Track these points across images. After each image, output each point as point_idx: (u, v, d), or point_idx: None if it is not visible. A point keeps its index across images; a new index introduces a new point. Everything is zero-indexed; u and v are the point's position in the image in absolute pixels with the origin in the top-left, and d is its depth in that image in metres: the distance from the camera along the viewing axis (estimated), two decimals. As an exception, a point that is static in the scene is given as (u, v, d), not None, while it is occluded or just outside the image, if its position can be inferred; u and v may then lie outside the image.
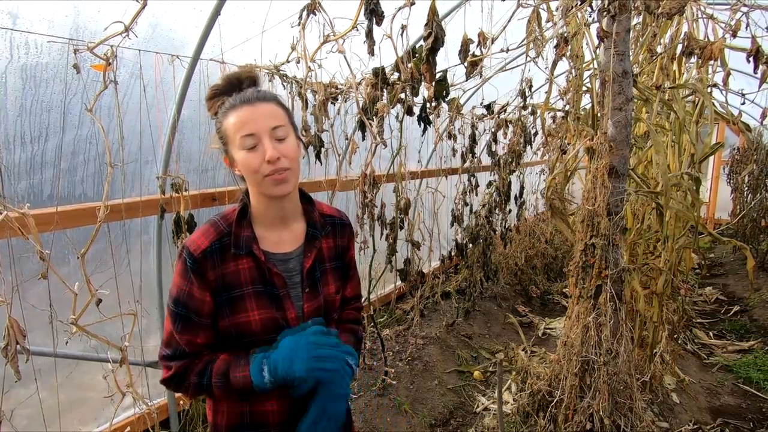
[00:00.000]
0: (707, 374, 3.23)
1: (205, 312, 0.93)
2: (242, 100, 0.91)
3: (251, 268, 0.94)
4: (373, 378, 2.89)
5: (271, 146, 0.88)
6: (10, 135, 1.67)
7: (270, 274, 0.95)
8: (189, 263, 0.92)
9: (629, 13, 1.90)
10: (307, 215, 1.04)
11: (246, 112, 0.89)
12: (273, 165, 0.88)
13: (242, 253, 0.94)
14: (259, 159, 0.88)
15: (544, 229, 5.79)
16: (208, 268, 0.92)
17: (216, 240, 0.93)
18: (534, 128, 4.38)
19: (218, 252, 0.93)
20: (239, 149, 0.89)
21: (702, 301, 4.72)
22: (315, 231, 1.02)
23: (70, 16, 1.69)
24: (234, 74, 0.96)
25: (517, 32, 2.13)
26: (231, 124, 0.90)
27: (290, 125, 0.95)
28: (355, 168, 2.52)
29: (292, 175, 0.92)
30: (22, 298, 1.43)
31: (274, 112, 0.91)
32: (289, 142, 0.92)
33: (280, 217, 0.99)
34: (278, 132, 0.90)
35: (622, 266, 2.15)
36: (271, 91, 0.98)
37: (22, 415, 1.76)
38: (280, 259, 0.98)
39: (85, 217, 1.73)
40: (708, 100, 2.37)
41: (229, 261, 0.93)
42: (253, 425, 0.98)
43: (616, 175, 2.08)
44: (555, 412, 2.30)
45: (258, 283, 0.94)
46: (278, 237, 0.99)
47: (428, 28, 1.53)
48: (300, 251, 1.00)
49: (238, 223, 0.95)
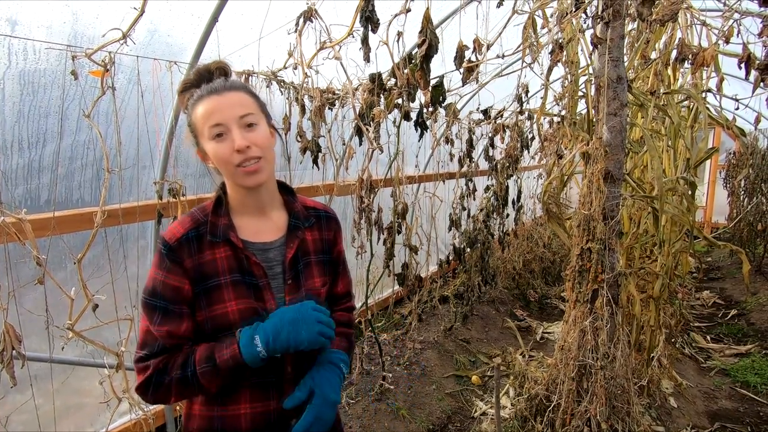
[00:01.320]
0: (705, 378, 3.23)
1: (182, 299, 0.90)
2: (209, 91, 0.89)
3: (228, 256, 0.92)
4: (371, 383, 2.88)
5: (240, 135, 0.86)
6: (8, 141, 1.68)
7: (248, 262, 0.93)
8: (165, 252, 0.89)
9: (623, 20, 1.92)
10: (288, 206, 1.02)
11: (213, 102, 0.88)
12: (243, 154, 0.86)
13: (219, 241, 0.91)
14: (229, 149, 0.87)
15: (542, 233, 5.81)
16: (185, 256, 0.89)
17: (192, 228, 0.92)
18: (531, 133, 4.41)
19: (195, 240, 0.91)
20: (209, 140, 0.88)
21: (699, 304, 4.73)
22: (297, 222, 1.00)
23: (68, 22, 1.71)
24: (204, 66, 0.95)
25: (513, 38, 2.16)
26: (199, 115, 0.89)
27: (261, 113, 0.93)
28: (353, 173, 2.54)
29: (265, 164, 0.90)
30: (18, 304, 1.43)
31: (242, 100, 0.90)
32: (259, 130, 0.90)
33: (257, 207, 0.97)
34: (247, 119, 0.88)
35: (619, 270, 2.15)
36: (240, 80, 0.97)
37: (18, 421, 1.75)
38: (259, 248, 0.95)
39: (82, 222, 1.73)
40: (702, 105, 2.39)
41: (206, 250, 0.91)
42: (224, 430, 0.93)
43: (611, 180, 2.09)
44: (552, 416, 2.29)
45: (236, 272, 0.91)
46: (257, 226, 0.97)
47: (422, 35, 1.54)
48: (282, 241, 0.98)
49: (214, 212, 0.94)
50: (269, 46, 2.07)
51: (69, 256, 1.82)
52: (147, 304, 0.91)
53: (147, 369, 0.88)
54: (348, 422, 2.54)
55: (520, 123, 3.98)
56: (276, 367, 0.94)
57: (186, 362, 0.88)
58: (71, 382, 1.96)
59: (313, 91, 1.99)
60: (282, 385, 0.95)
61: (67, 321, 1.43)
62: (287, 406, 0.91)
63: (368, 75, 2.00)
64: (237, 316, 0.89)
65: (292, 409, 0.92)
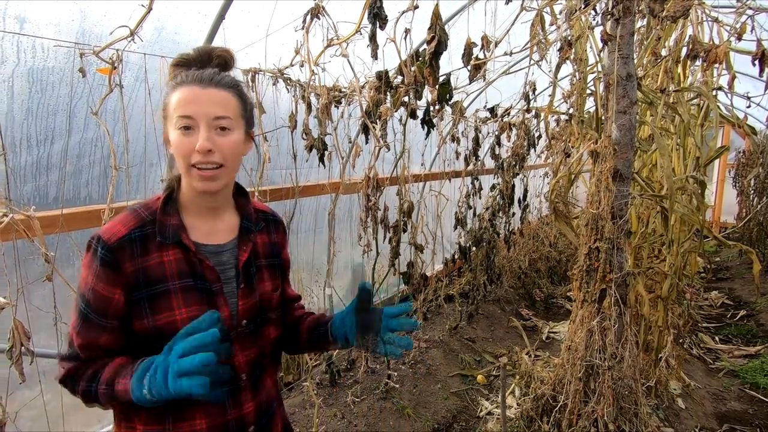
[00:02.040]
0: (713, 379, 3.20)
1: (110, 312, 0.81)
2: (194, 79, 0.82)
3: (178, 260, 0.84)
4: (376, 381, 2.88)
5: (206, 136, 0.80)
6: (17, 138, 1.68)
7: (201, 266, 0.86)
8: (100, 253, 0.80)
9: (633, 17, 1.89)
10: (241, 209, 0.96)
11: (192, 92, 0.81)
12: (203, 156, 0.80)
13: (168, 243, 0.84)
14: (190, 145, 0.80)
15: (548, 232, 5.77)
16: (125, 259, 0.81)
17: (136, 228, 0.83)
18: (538, 131, 4.38)
19: (139, 241, 0.82)
20: (174, 128, 0.81)
21: (708, 305, 4.68)
22: (249, 224, 0.95)
23: (76, 20, 1.71)
24: (205, 48, 0.89)
25: (520, 35, 2.14)
26: (174, 99, 0.82)
27: (240, 119, 0.86)
28: (359, 171, 2.53)
29: (224, 173, 0.84)
30: (27, 300, 1.44)
31: (224, 100, 0.83)
32: (230, 137, 0.83)
33: (210, 207, 0.91)
34: (221, 122, 0.82)
35: (627, 270, 2.13)
36: (234, 78, 0.89)
37: (26, 417, 1.77)
38: (212, 251, 0.89)
39: (90, 219, 1.74)
40: (713, 104, 2.36)
41: (153, 252, 0.83)
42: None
43: (620, 179, 2.07)
44: (559, 416, 2.28)
45: (187, 276, 0.84)
46: (210, 227, 0.91)
47: (431, 31, 1.53)
48: (234, 244, 0.92)
49: (163, 210, 0.86)
50: (276, 43, 2.07)
51: (77, 254, 1.83)
52: (77, 302, 0.84)
53: (63, 369, 0.84)
54: (353, 420, 2.54)
55: (527, 121, 3.95)
56: (230, 378, 0.88)
57: (94, 376, 0.81)
58: (79, 378, 1.97)
59: (319, 88, 1.99)
60: (238, 393, 0.90)
61: (75, 318, 1.44)
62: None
63: (375, 73, 1.99)
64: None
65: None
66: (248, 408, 0.90)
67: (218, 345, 0.73)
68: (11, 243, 1.45)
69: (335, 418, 2.55)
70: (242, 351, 0.90)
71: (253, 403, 0.92)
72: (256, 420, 0.92)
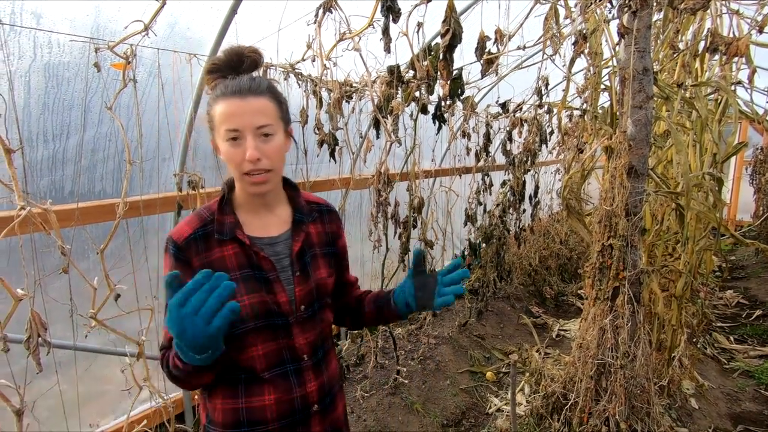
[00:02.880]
0: (727, 380, 3.15)
1: None
2: (233, 91, 0.88)
3: (237, 253, 0.93)
4: (385, 377, 2.89)
5: (253, 145, 0.87)
6: (33, 132, 1.71)
7: (257, 257, 0.94)
8: (173, 251, 0.91)
9: (651, 9, 1.85)
10: (292, 201, 1.04)
11: (234, 106, 0.87)
12: (253, 164, 0.88)
13: (226, 239, 0.93)
14: (241, 155, 0.88)
15: (559, 229, 5.72)
16: (192, 255, 0.91)
17: (199, 227, 0.93)
18: (550, 127, 4.32)
19: (202, 239, 0.92)
20: (223, 140, 0.89)
21: (722, 304, 4.60)
22: (301, 216, 1.03)
23: (91, 15, 1.72)
24: (236, 50, 0.93)
25: (534, 29, 2.11)
26: (218, 113, 0.89)
27: (280, 121, 0.93)
28: (370, 166, 2.52)
29: (273, 176, 0.92)
30: (43, 292, 1.47)
31: (264, 108, 0.89)
32: (274, 142, 0.90)
33: (263, 204, 0.99)
34: (264, 130, 0.89)
35: (641, 268, 2.10)
36: (267, 80, 0.95)
37: (43, 406, 1.80)
38: (266, 243, 0.97)
39: (105, 213, 1.76)
40: (732, 98, 2.30)
41: (214, 248, 0.92)
42: (250, 422, 0.93)
43: (635, 175, 2.04)
44: (569, 414, 2.26)
45: (246, 267, 0.93)
46: (264, 221, 0.99)
47: (446, 24, 1.51)
48: (287, 235, 1.00)
49: (220, 210, 0.95)
50: (287, 38, 2.06)
51: (92, 247, 1.86)
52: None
53: (162, 359, 0.91)
54: (362, 415, 2.55)
55: (539, 116, 3.91)
56: (293, 357, 0.96)
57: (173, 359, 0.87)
58: (93, 369, 2.00)
59: (331, 83, 1.98)
60: (302, 373, 0.97)
61: (90, 310, 1.46)
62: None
63: (386, 67, 1.98)
64: (249, 310, 0.91)
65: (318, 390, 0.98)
66: (311, 387, 0.98)
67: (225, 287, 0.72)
68: (29, 236, 1.47)
69: (344, 412, 2.56)
70: (302, 334, 0.97)
71: (316, 383, 0.98)
72: (319, 399, 0.99)
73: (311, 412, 0.97)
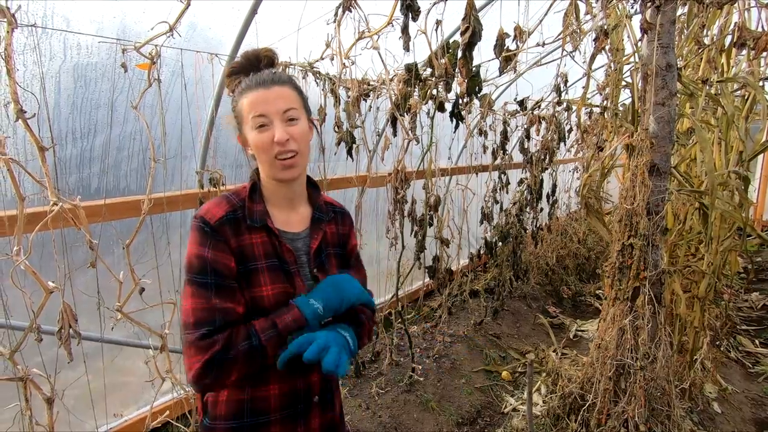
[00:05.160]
0: (752, 384, 3.06)
1: (234, 275, 0.91)
2: (257, 83, 0.93)
3: (265, 242, 0.95)
4: (401, 374, 2.90)
5: (281, 128, 0.91)
6: (63, 131, 1.77)
7: (281, 248, 0.97)
8: (207, 230, 0.90)
9: (675, 4, 1.81)
10: (312, 200, 1.07)
11: (260, 95, 0.92)
12: (282, 146, 0.91)
13: (256, 226, 0.95)
14: (269, 139, 0.91)
15: (577, 228, 5.63)
16: (229, 236, 0.91)
17: (230, 211, 0.94)
18: (568, 124, 4.26)
19: (233, 223, 0.93)
20: (251, 129, 0.92)
21: (747, 307, 4.46)
22: (320, 215, 1.06)
23: (117, 17, 1.78)
24: (252, 52, 0.99)
25: (553, 26, 2.08)
26: (245, 104, 0.93)
27: (303, 109, 0.97)
28: (387, 164, 2.53)
29: (300, 159, 0.95)
30: (72, 285, 1.52)
31: (287, 95, 0.94)
32: (299, 125, 0.94)
33: (288, 198, 1.01)
34: (289, 114, 0.93)
35: (662, 268, 2.06)
36: (286, 74, 1.00)
37: (70, 395, 1.87)
38: (289, 237, 1.00)
39: (130, 209, 1.81)
40: (760, 94, 2.23)
41: (244, 234, 0.94)
42: (253, 411, 0.96)
43: (657, 173, 2.00)
44: (587, 415, 2.24)
45: (272, 257, 0.95)
46: (287, 217, 1.02)
47: (465, 22, 1.51)
48: (306, 233, 1.03)
49: (250, 198, 0.97)
50: (306, 37, 2.08)
51: (117, 242, 1.91)
52: (196, 282, 0.89)
53: (214, 344, 0.85)
54: (377, 411, 2.57)
55: (557, 114, 3.85)
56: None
57: (249, 333, 0.88)
58: (118, 361, 2.07)
59: (350, 82, 2.00)
60: (305, 364, 0.98)
61: (116, 303, 1.50)
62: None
63: (404, 65, 1.98)
64: (272, 300, 0.93)
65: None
66: (314, 378, 1.01)
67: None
68: (59, 230, 1.53)
69: (360, 408, 2.58)
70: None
71: (318, 375, 1.01)
72: (320, 391, 1.02)
73: (312, 403, 1.00)
